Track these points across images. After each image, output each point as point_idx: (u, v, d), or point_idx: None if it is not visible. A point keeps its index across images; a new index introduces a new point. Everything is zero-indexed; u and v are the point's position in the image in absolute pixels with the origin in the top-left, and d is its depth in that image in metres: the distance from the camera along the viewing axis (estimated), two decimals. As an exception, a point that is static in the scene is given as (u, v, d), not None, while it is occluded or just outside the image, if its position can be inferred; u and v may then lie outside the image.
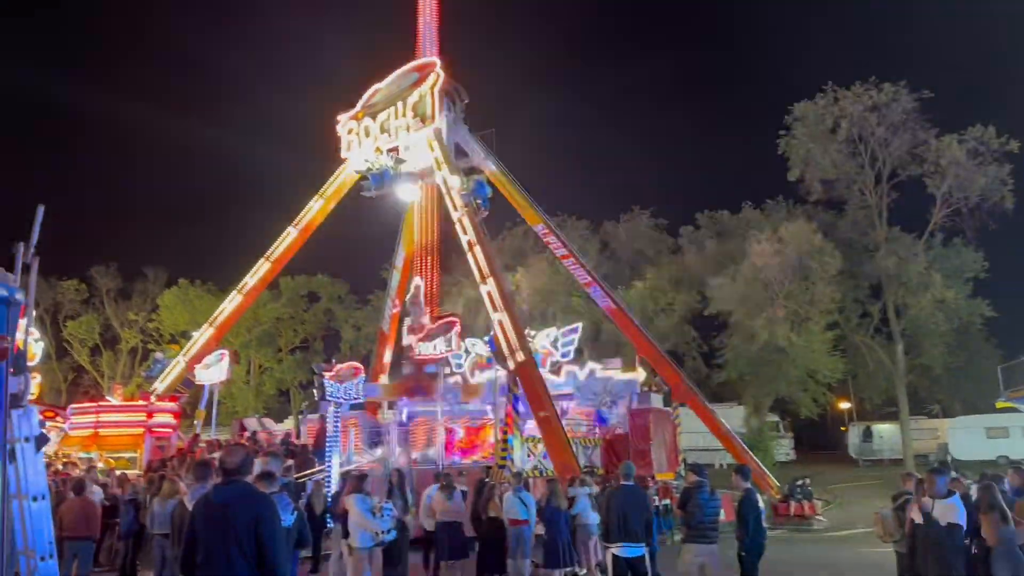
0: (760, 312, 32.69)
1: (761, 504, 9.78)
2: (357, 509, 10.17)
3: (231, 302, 28.34)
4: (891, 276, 34.08)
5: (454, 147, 25.26)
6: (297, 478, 15.46)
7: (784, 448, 39.13)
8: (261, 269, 28.09)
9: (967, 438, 36.38)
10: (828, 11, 79.27)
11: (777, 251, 32.12)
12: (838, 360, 33.82)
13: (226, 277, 36.00)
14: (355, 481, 10.81)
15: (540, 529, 12.26)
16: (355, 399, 18.25)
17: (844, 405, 45.61)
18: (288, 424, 48.02)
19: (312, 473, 17.37)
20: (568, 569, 12.00)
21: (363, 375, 18.68)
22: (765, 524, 9.97)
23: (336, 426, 17.07)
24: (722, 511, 10.27)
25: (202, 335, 28.08)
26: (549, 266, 38.39)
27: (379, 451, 19.94)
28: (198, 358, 26.85)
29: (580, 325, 27.04)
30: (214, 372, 25.87)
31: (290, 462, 17.81)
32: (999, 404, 21.27)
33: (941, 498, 7.53)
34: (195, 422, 27.14)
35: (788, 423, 42.04)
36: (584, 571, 12.88)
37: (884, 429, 42.42)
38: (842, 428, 47.27)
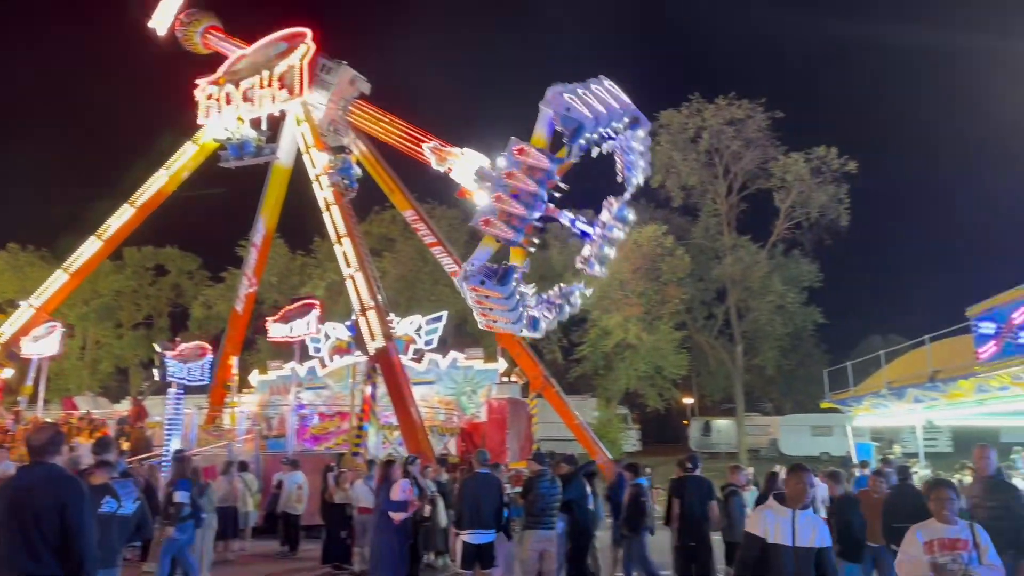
0: (616, 310, 33.96)
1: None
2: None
3: (91, 245, 26.54)
4: (735, 281, 36.37)
5: (326, 123, 24.41)
6: (130, 462, 14.51)
7: (631, 439, 40.84)
8: (125, 217, 26.26)
9: (795, 435, 39.41)
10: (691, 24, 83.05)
11: (631, 251, 33.43)
12: (684, 357, 35.72)
13: (64, 244, 33.08)
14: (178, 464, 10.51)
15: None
16: (200, 380, 17.38)
17: (687, 400, 48.21)
18: (125, 405, 44.95)
19: (149, 457, 16.41)
20: None
21: (210, 355, 17.83)
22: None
23: (177, 408, 16.15)
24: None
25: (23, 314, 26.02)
26: (417, 254, 38.05)
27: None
28: (24, 331, 24.72)
29: (445, 314, 26.99)
30: (44, 345, 23.87)
31: (125, 446, 16.75)
32: (823, 404, 23.07)
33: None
34: (19, 399, 24.94)
35: (635, 416, 43.90)
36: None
37: (722, 424, 45.23)
38: (684, 422, 49.96)
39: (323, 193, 21.88)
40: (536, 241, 15.88)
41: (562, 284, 18.61)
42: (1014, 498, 7.28)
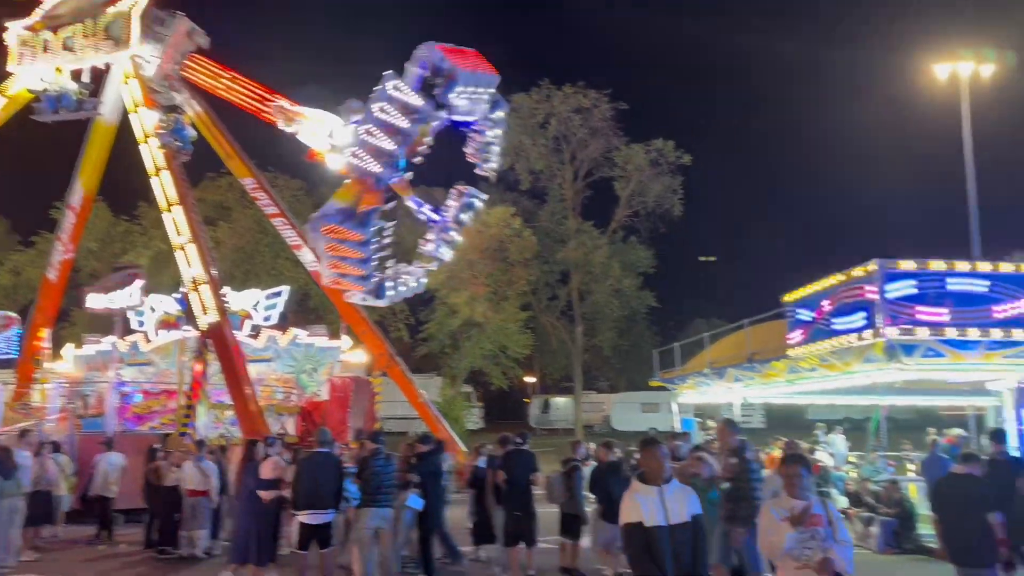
0: (463, 288, 34.19)
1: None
2: None
3: None
4: (578, 265, 37.69)
5: (159, 78, 22.52)
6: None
7: (474, 417, 41.44)
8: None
9: (626, 412, 41.60)
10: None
11: (480, 232, 33.74)
12: (528, 337, 36.62)
13: None
14: None
15: None
16: (6, 353, 15.76)
17: (529, 379, 49.51)
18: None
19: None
20: None
21: (18, 327, 16.21)
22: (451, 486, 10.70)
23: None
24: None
25: None
26: (256, 224, 36.32)
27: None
28: None
29: (286, 289, 26.01)
30: None
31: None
32: (653, 383, 24.45)
33: None
34: None
35: (479, 394, 44.58)
36: None
37: (560, 402, 46.90)
38: (525, 400, 51.31)
39: (151, 155, 20.29)
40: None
41: (406, 264, 18.46)
42: (744, 470, 8.28)
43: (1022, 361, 11.46)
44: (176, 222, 19.58)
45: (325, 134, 18.23)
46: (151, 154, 20.27)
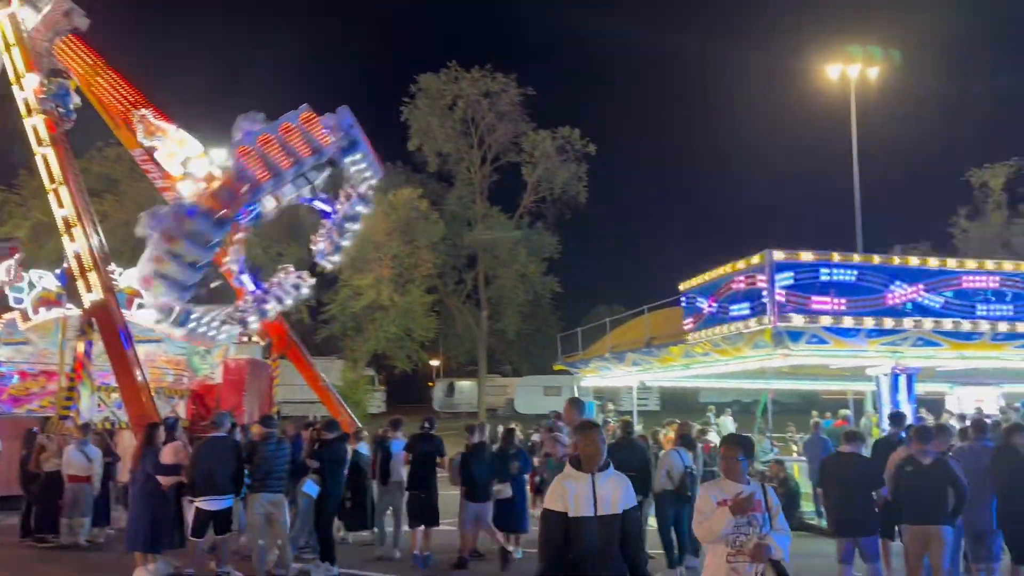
0: (368, 271, 33.67)
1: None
2: None
3: None
4: (485, 249, 37.79)
5: (45, 45, 20.91)
6: None
7: (377, 401, 40.99)
8: None
9: (529, 395, 42.07)
10: None
11: (386, 214, 33.31)
12: (433, 320, 36.48)
13: None
14: None
15: None
16: None
17: (434, 363, 49.34)
18: None
19: None
20: None
21: None
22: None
23: None
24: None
25: None
26: (146, 198, 34.51)
27: None
28: None
29: (178, 267, 24.85)
30: None
31: None
32: (556, 367, 24.85)
33: None
34: None
35: (382, 377, 44.11)
36: None
37: (464, 385, 46.97)
38: (429, 383, 51.11)
39: (32, 120, 18.89)
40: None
41: (290, 269, 17.92)
42: None
43: (899, 348, 12.26)
44: (48, 162, 18.22)
45: (181, 158, 16.95)
46: (24, 95, 18.85)
